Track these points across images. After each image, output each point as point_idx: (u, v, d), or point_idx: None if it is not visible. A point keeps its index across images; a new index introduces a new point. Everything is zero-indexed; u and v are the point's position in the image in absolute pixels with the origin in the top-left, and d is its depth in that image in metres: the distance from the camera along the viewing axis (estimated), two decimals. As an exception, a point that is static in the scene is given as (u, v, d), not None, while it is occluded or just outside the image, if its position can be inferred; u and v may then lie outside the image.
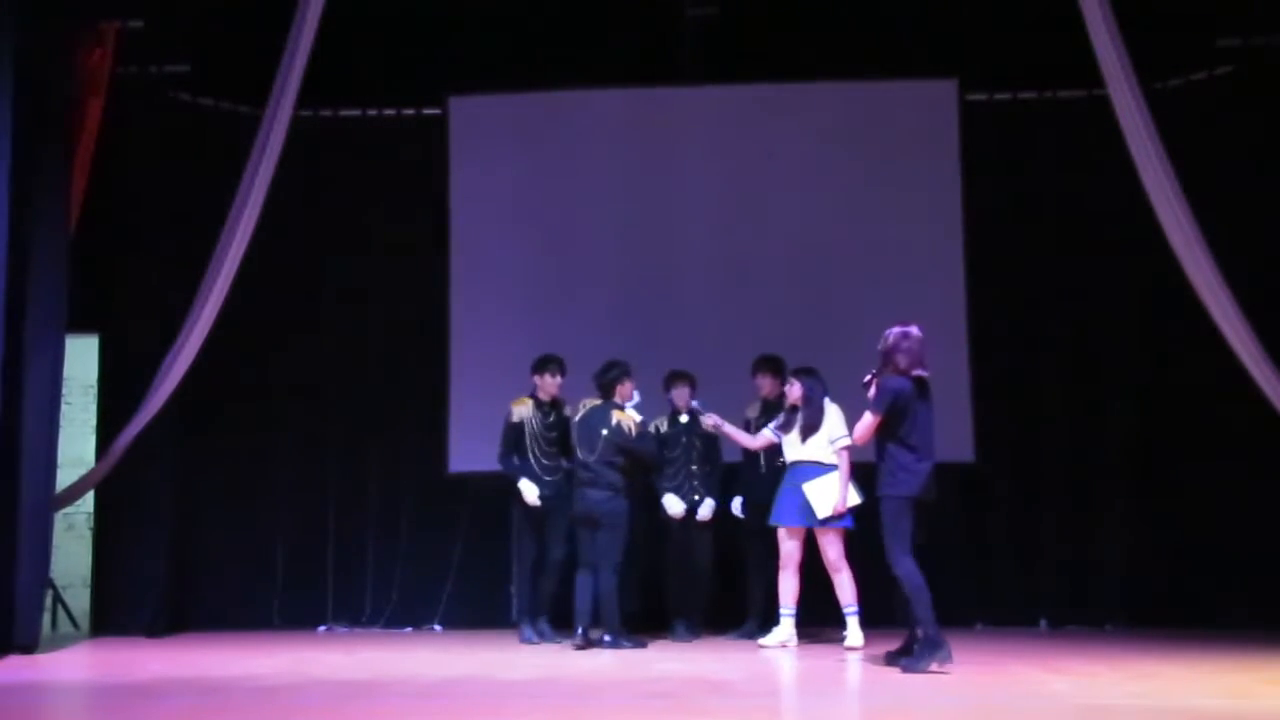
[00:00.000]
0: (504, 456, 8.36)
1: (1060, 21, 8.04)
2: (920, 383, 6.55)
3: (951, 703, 5.48)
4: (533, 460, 8.30)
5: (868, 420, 6.57)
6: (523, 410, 8.36)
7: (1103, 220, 9.41)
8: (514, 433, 8.33)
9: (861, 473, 7.80)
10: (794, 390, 7.81)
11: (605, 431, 7.89)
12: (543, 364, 8.40)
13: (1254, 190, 8.79)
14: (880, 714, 5.35)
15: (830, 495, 7.58)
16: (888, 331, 6.60)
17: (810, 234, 9.55)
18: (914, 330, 6.54)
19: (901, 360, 6.51)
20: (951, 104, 9.59)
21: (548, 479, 8.29)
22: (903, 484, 6.50)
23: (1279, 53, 8.85)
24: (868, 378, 6.72)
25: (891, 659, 6.71)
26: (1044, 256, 9.55)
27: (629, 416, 7.97)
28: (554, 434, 8.35)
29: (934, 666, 6.29)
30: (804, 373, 7.78)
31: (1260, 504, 8.80)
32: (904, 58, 9.57)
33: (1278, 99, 8.78)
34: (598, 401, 8.06)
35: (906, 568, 6.46)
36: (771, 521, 7.82)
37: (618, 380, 8.02)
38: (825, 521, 7.61)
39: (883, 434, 6.55)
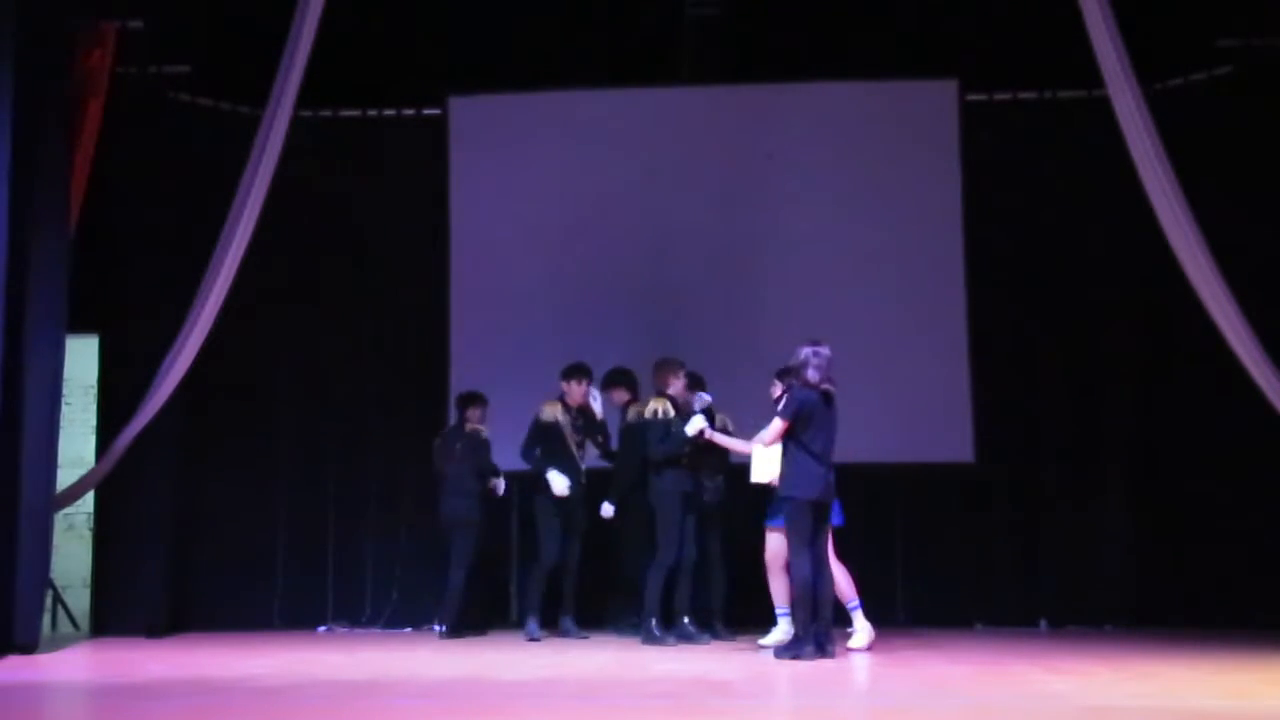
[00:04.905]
0: (527, 452, 8.49)
1: (1060, 21, 8.04)
2: (826, 395, 7.13)
3: (951, 703, 5.47)
4: (565, 464, 8.44)
5: (776, 425, 7.16)
6: (554, 411, 8.50)
7: (1102, 220, 9.41)
8: (545, 432, 8.46)
9: (851, 471, 7.82)
10: (775, 390, 7.85)
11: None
12: (570, 372, 8.58)
13: (1254, 190, 8.79)
14: (880, 714, 5.35)
15: (771, 464, 7.49)
16: (799, 348, 7.18)
17: (810, 234, 9.55)
18: (824, 349, 7.16)
19: (811, 374, 7.11)
20: (951, 104, 9.59)
21: (579, 483, 8.49)
22: (804, 487, 7.05)
23: (1279, 53, 8.85)
24: (778, 393, 7.46)
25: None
26: (1044, 256, 9.56)
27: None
28: (580, 438, 8.55)
29: (790, 658, 6.95)
30: (786, 373, 7.77)
31: (1260, 504, 8.80)
32: (904, 58, 9.57)
33: (1278, 99, 8.78)
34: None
35: (798, 566, 7.04)
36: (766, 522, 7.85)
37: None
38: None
39: (789, 440, 7.13)
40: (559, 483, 8.37)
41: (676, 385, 8.17)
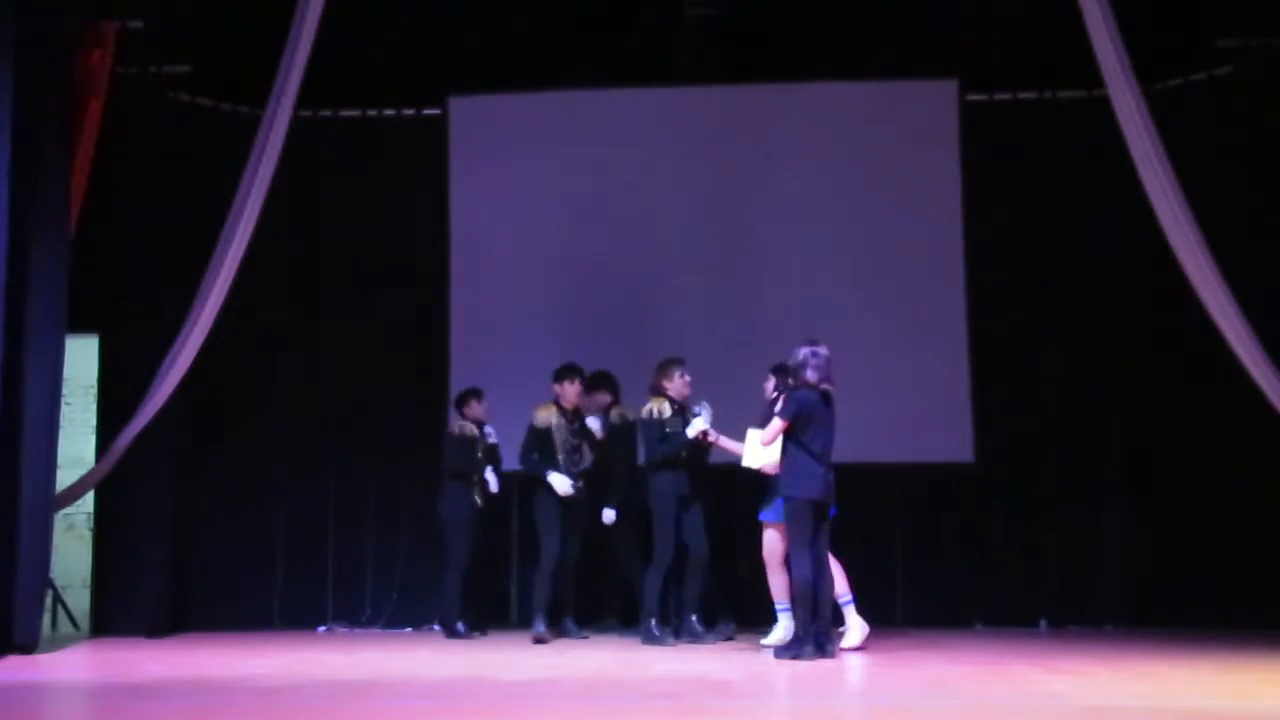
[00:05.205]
0: (525, 456, 8.50)
1: (1060, 21, 8.04)
2: (825, 395, 7.18)
3: (951, 703, 5.48)
4: (561, 467, 8.41)
5: (776, 425, 7.22)
6: (548, 416, 8.49)
7: (1102, 220, 9.41)
8: (539, 437, 8.45)
9: (851, 471, 7.85)
10: (768, 386, 7.86)
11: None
12: (562, 373, 8.55)
13: (1254, 190, 8.79)
14: (880, 714, 5.35)
15: (765, 451, 7.51)
16: (797, 349, 7.23)
17: (810, 234, 9.54)
18: (822, 349, 7.21)
19: (810, 375, 7.16)
20: (951, 104, 9.59)
21: (577, 484, 8.45)
22: (804, 487, 7.08)
23: (1279, 53, 8.85)
24: (771, 388, 7.61)
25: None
26: (1044, 256, 9.55)
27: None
28: (576, 440, 8.53)
29: (790, 658, 6.98)
30: (780, 370, 7.78)
31: (1260, 504, 8.80)
32: (904, 58, 9.56)
33: (1278, 99, 8.77)
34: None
35: (799, 566, 7.06)
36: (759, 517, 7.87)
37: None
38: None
39: (788, 440, 7.16)
40: (561, 484, 8.36)
41: (677, 384, 8.18)
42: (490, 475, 8.77)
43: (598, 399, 8.81)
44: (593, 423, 8.63)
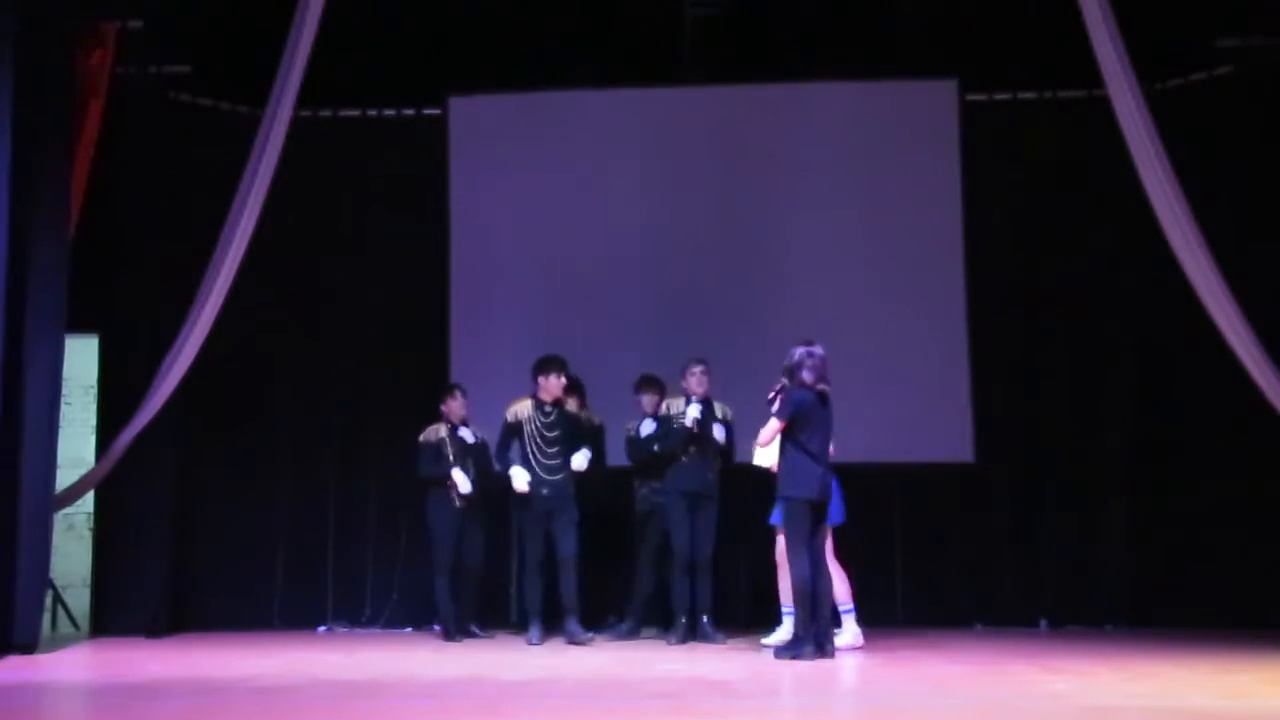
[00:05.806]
0: (498, 454, 8.44)
1: (1060, 21, 8.05)
2: (822, 395, 7.18)
3: (951, 703, 5.48)
4: (533, 460, 8.29)
5: (772, 425, 7.21)
6: (520, 410, 8.37)
7: (1102, 220, 9.42)
8: (510, 432, 8.36)
9: (851, 471, 7.87)
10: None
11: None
12: (544, 365, 8.39)
13: (1254, 190, 8.79)
14: (880, 714, 5.35)
15: (765, 451, 7.55)
16: (793, 349, 7.23)
17: (810, 234, 9.55)
18: (818, 349, 7.21)
19: (806, 375, 7.17)
20: (951, 104, 9.59)
21: (551, 479, 8.27)
22: (801, 487, 7.09)
23: (1279, 53, 8.85)
24: (772, 394, 7.37)
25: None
26: (1044, 256, 9.55)
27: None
28: (555, 433, 8.33)
29: (789, 658, 6.97)
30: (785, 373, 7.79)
31: (1259, 504, 8.80)
32: (904, 58, 9.57)
33: (1278, 99, 8.78)
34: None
35: (798, 566, 7.05)
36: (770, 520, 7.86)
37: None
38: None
39: (785, 440, 7.17)
40: (519, 479, 8.23)
41: (689, 381, 8.21)
42: (458, 476, 8.55)
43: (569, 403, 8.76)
44: (579, 461, 8.33)
